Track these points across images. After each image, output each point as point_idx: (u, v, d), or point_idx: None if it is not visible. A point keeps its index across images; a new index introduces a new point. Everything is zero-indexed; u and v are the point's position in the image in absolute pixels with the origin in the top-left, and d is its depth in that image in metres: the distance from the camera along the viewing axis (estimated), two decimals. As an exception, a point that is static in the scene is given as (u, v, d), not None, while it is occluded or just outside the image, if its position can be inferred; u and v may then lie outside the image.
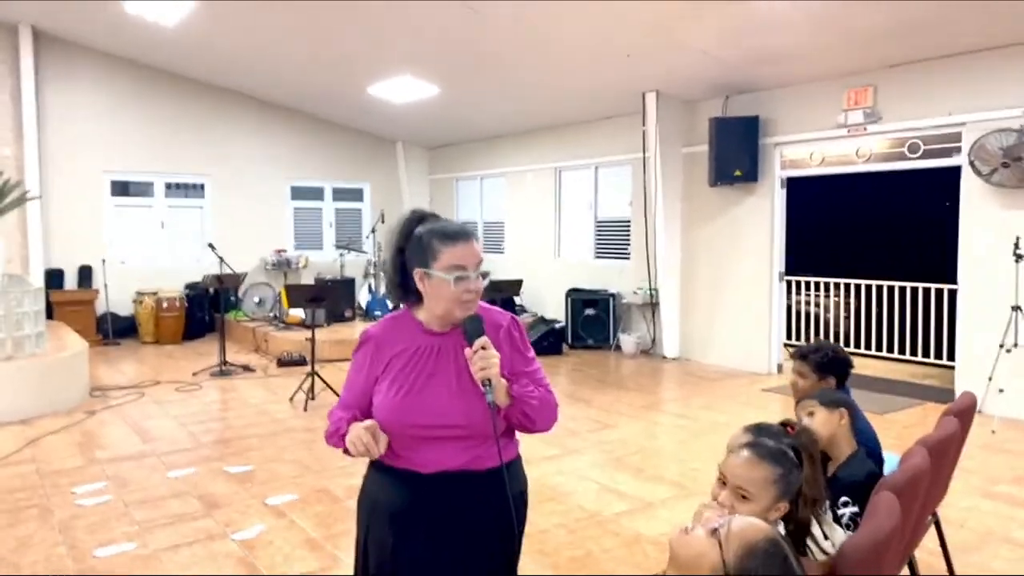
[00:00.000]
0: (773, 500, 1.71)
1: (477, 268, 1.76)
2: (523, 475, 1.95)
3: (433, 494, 1.76)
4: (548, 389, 1.88)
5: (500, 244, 11.33)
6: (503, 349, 1.80)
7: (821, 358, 2.83)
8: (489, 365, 1.69)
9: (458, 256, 1.74)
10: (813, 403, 2.42)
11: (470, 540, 1.77)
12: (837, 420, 2.38)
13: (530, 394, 1.80)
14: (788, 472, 1.73)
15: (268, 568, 3.30)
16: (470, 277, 1.74)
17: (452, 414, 1.74)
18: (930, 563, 3.12)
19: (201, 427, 5.66)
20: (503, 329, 1.85)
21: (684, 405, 6.44)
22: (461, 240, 1.77)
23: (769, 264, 7.69)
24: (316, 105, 10.96)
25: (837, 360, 2.85)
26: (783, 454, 1.75)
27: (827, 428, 2.37)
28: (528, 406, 1.78)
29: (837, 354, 2.89)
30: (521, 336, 1.89)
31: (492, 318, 1.86)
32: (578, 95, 8.71)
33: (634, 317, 9.09)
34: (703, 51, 6.76)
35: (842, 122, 6.92)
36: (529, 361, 1.87)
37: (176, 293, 9.78)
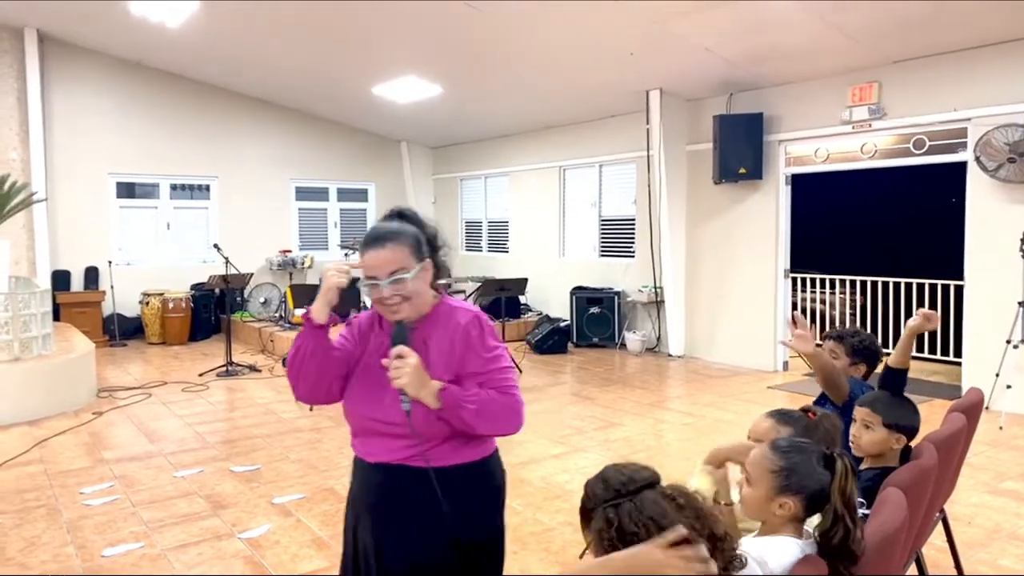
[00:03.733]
0: (774, 490, 1.67)
1: (389, 276, 1.75)
2: (489, 478, 1.89)
3: (374, 483, 1.83)
4: (505, 390, 1.79)
5: (504, 243, 11.34)
6: (455, 348, 1.79)
7: (858, 342, 2.91)
8: (400, 375, 1.68)
9: (366, 264, 1.77)
10: (875, 419, 2.36)
11: (407, 530, 1.80)
12: (893, 443, 2.36)
13: (467, 398, 1.73)
14: (793, 467, 1.69)
15: (275, 567, 3.31)
16: (376, 286, 1.76)
17: (392, 411, 1.75)
18: (937, 560, 3.11)
19: (208, 427, 5.68)
20: (460, 328, 1.82)
21: (690, 403, 6.44)
22: (369, 248, 1.78)
23: (774, 261, 7.68)
24: (321, 105, 10.98)
25: (872, 348, 2.93)
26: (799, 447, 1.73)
27: (879, 447, 2.35)
28: (464, 411, 1.72)
29: (873, 342, 2.98)
30: (480, 335, 1.82)
31: (453, 316, 1.84)
32: (582, 94, 8.71)
33: (639, 315, 9.09)
34: (707, 49, 6.75)
35: (847, 118, 6.90)
36: (486, 361, 1.80)
37: (182, 294, 9.82)
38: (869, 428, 2.36)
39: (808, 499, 1.65)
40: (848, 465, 1.65)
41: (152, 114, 10.15)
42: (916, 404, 2.50)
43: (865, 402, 2.43)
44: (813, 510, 1.67)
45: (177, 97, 10.31)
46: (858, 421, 2.40)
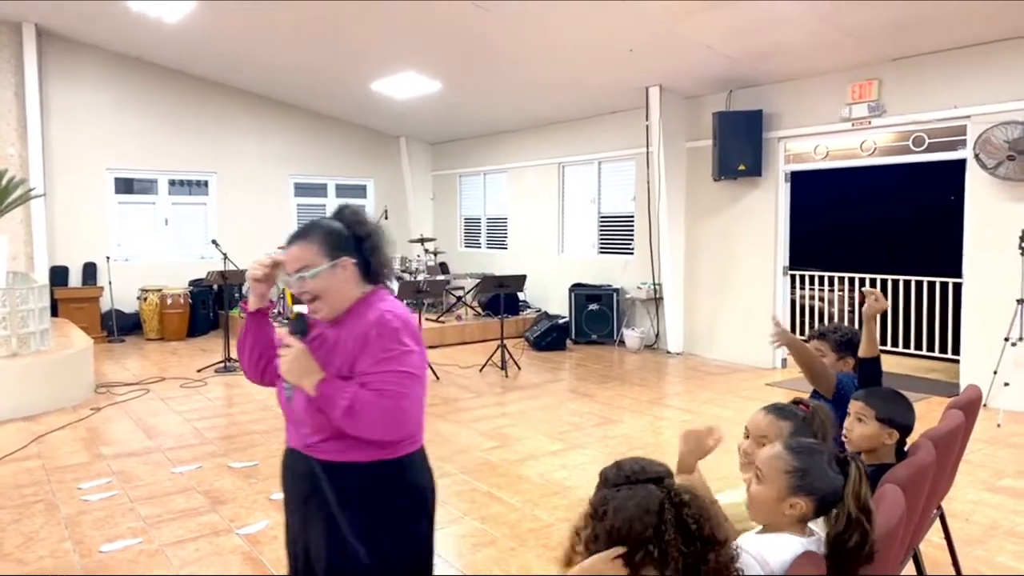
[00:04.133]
0: (787, 490, 1.66)
1: (294, 273, 1.82)
2: (397, 482, 1.83)
3: (286, 465, 1.98)
4: (388, 394, 1.71)
5: (503, 240, 11.33)
6: (356, 347, 1.78)
7: (840, 337, 2.99)
8: (282, 362, 1.78)
9: (283, 260, 1.87)
10: (868, 412, 2.38)
11: (310, 519, 1.85)
12: (885, 438, 2.37)
13: (341, 394, 1.71)
14: (809, 468, 1.68)
15: (273, 563, 3.30)
16: (288, 282, 1.85)
17: (298, 400, 1.82)
18: (935, 557, 3.11)
19: (206, 423, 5.67)
20: (366, 327, 1.79)
21: (688, 400, 6.44)
22: (287, 244, 1.88)
23: (773, 258, 7.68)
24: (319, 101, 10.96)
25: (855, 340, 2.95)
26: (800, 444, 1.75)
27: (872, 442, 2.37)
28: (335, 406, 1.71)
29: (856, 335, 3.01)
30: (380, 335, 1.76)
31: (366, 316, 1.82)
32: (581, 90, 8.69)
33: (638, 312, 9.09)
34: (707, 46, 6.74)
35: (846, 116, 6.90)
36: (379, 362, 1.73)
37: (180, 290, 9.81)
38: (862, 421, 2.39)
39: (820, 501, 1.65)
40: (861, 469, 1.64)
41: (150, 110, 10.13)
42: (912, 402, 2.51)
43: (860, 396, 2.46)
44: (822, 512, 1.67)
45: (176, 93, 10.28)
46: (852, 415, 2.43)
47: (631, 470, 1.51)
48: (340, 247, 1.84)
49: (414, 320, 1.87)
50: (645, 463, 1.54)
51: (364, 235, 1.89)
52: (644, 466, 1.52)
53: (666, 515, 1.41)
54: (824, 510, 1.66)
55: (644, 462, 1.54)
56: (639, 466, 1.52)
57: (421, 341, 1.84)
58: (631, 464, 1.53)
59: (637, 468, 1.51)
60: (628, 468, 1.52)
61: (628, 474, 1.50)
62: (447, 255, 11.63)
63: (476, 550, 3.44)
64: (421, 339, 1.84)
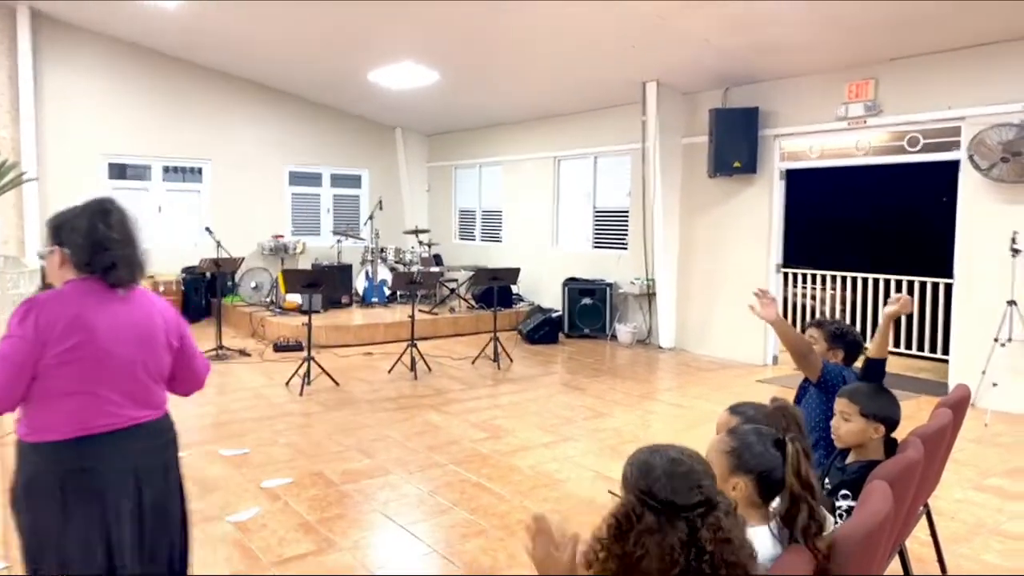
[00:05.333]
0: (727, 470, 1.73)
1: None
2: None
3: None
4: None
5: (498, 232, 11.32)
6: None
7: (835, 329, 3.07)
8: None
9: None
10: (853, 409, 2.41)
11: None
12: (872, 433, 2.40)
13: None
14: (743, 447, 1.75)
15: (263, 550, 3.31)
16: None
17: None
18: (920, 554, 3.14)
19: (197, 410, 5.66)
20: None
21: (679, 395, 6.46)
22: None
23: (766, 256, 7.70)
24: (316, 91, 10.91)
25: (849, 337, 3.05)
26: (745, 432, 1.79)
27: (858, 437, 2.41)
28: None
29: (852, 332, 3.10)
30: (11, 318, 1.96)
31: None
32: (579, 84, 8.68)
33: (631, 307, 9.10)
34: (704, 40, 6.73)
35: (842, 115, 6.91)
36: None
37: (173, 277, 9.77)
38: (847, 419, 2.42)
39: (759, 479, 1.70)
40: (800, 448, 1.68)
41: (146, 96, 10.06)
42: (901, 401, 2.53)
43: (844, 393, 2.49)
44: (769, 493, 1.72)
45: (171, 79, 10.21)
46: (837, 413, 2.46)
47: (665, 488, 1.39)
48: (54, 237, 2.06)
49: (43, 309, 1.94)
50: (681, 481, 1.40)
51: (58, 226, 2.08)
52: (676, 486, 1.39)
53: (689, 560, 1.35)
54: (768, 490, 1.71)
55: (680, 479, 1.40)
56: (670, 487, 1.39)
57: (32, 328, 1.91)
58: (667, 476, 1.40)
59: (668, 489, 1.39)
60: (661, 483, 1.40)
61: (662, 498, 1.38)
62: (441, 247, 11.61)
63: (465, 540, 3.45)
64: (33, 327, 1.91)
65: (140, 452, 2.07)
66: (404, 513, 3.76)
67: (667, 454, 1.45)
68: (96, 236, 2.03)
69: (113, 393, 2.01)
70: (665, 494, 1.39)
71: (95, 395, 1.98)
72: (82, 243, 2.02)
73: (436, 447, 4.82)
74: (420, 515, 3.75)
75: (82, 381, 1.96)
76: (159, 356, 2.13)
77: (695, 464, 1.45)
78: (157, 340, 2.13)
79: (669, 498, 1.39)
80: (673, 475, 1.41)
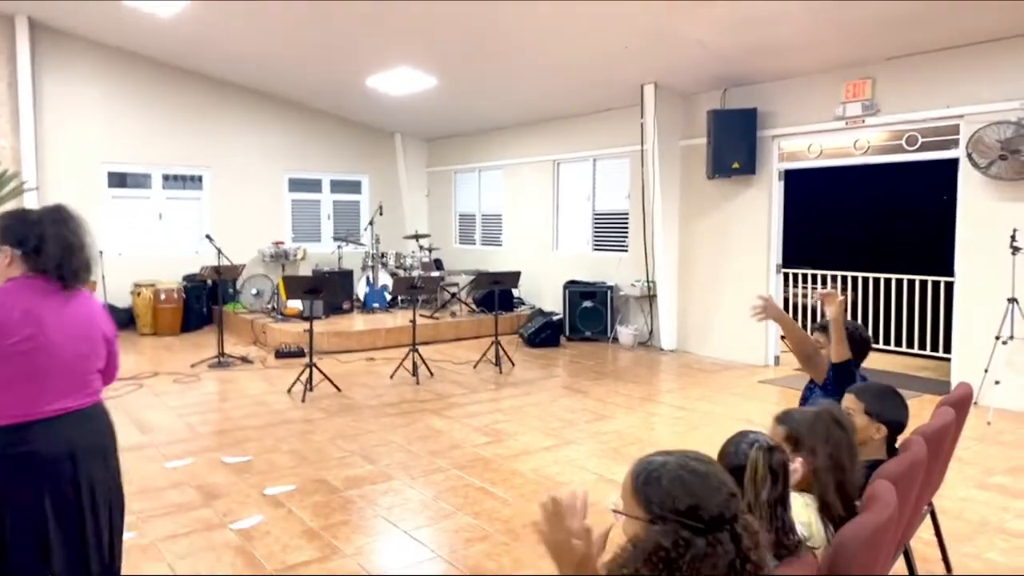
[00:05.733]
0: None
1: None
2: None
3: None
4: None
5: (498, 236, 11.33)
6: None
7: None
8: None
9: None
10: (857, 406, 2.41)
11: None
12: (873, 432, 2.40)
13: None
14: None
15: (266, 558, 3.31)
16: None
17: None
18: (925, 553, 3.14)
19: (199, 418, 5.66)
20: None
21: (681, 397, 6.46)
22: None
23: (766, 256, 7.71)
24: (314, 97, 10.93)
25: (858, 336, 2.99)
26: None
27: (860, 435, 2.39)
28: None
29: (859, 331, 3.04)
30: None
31: None
32: (577, 87, 8.70)
33: (632, 309, 9.10)
34: (700, 42, 6.75)
35: (840, 114, 6.92)
36: None
37: (174, 285, 9.77)
38: (850, 415, 2.41)
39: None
40: (758, 453, 1.69)
41: (145, 104, 10.08)
42: (906, 399, 2.52)
43: (853, 390, 2.49)
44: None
45: (170, 87, 10.23)
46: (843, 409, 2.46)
47: (680, 497, 1.30)
48: (3, 239, 2.22)
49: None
50: (704, 491, 1.31)
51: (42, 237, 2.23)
52: (719, 500, 1.31)
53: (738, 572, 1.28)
54: None
55: (702, 488, 1.32)
56: (689, 499, 1.30)
57: None
58: (684, 486, 1.32)
59: (686, 500, 1.30)
60: (677, 492, 1.31)
61: (675, 507, 1.30)
62: (441, 251, 11.62)
63: (469, 545, 3.45)
64: None
65: (79, 436, 2.24)
66: (407, 518, 3.76)
67: (690, 465, 1.36)
68: (67, 242, 2.24)
69: (57, 382, 2.19)
70: (711, 511, 1.30)
71: (40, 384, 2.15)
72: (54, 250, 2.21)
73: (438, 452, 4.82)
74: (423, 520, 3.74)
75: (29, 370, 2.13)
76: (98, 349, 2.34)
77: (717, 470, 1.38)
78: (97, 335, 2.34)
79: (716, 513, 1.30)
80: (710, 488, 1.33)
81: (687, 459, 1.38)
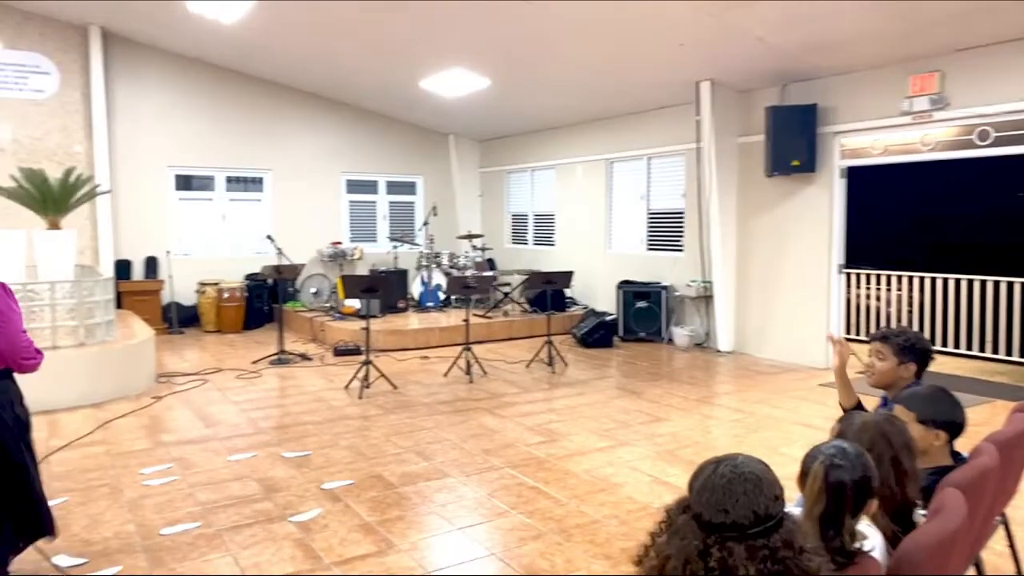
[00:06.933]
0: None
1: None
2: None
3: None
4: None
5: (551, 236, 11.32)
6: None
7: (903, 341, 2.83)
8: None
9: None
10: (909, 416, 2.32)
11: None
12: (932, 440, 2.30)
13: None
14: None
15: (324, 551, 3.38)
16: None
17: None
18: (997, 564, 3.01)
19: (260, 413, 5.83)
20: None
21: (738, 399, 6.34)
22: None
23: (828, 256, 7.50)
24: (370, 100, 11.13)
25: (920, 345, 2.83)
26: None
27: (920, 444, 2.31)
28: None
29: (920, 339, 2.88)
30: None
31: None
32: (631, 86, 8.62)
33: (687, 310, 8.98)
34: (759, 38, 6.61)
35: (906, 109, 6.68)
36: None
37: (237, 284, 10.08)
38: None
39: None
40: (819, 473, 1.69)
41: (209, 109, 10.43)
42: (975, 405, 2.42)
43: (901, 400, 2.39)
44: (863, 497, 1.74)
45: (232, 92, 10.57)
46: None
47: (711, 505, 1.35)
48: None
49: None
50: (725, 495, 1.35)
51: None
52: (729, 505, 1.34)
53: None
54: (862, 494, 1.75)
55: (726, 492, 1.35)
56: (723, 504, 1.34)
57: None
58: (716, 493, 1.35)
59: (717, 505, 1.34)
60: (698, 499, 1.36)
61: (697, 510, 1.36)
62: (494, 251, 11.68)
63: (523, 543, 3.46)
64: None
65: None
66: (461, 516, 3.79)
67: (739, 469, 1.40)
68: None
69: None
70: (711, 506, 1.36)
71: None
72: None
73: (492, 450, 4.85)
74: (477, 518, 3.77)
75: None
76: None
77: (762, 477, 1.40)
78: None
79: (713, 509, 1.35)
80: (729, 488, 1.37)
81: (746, 461, 1.43)
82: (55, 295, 6.13)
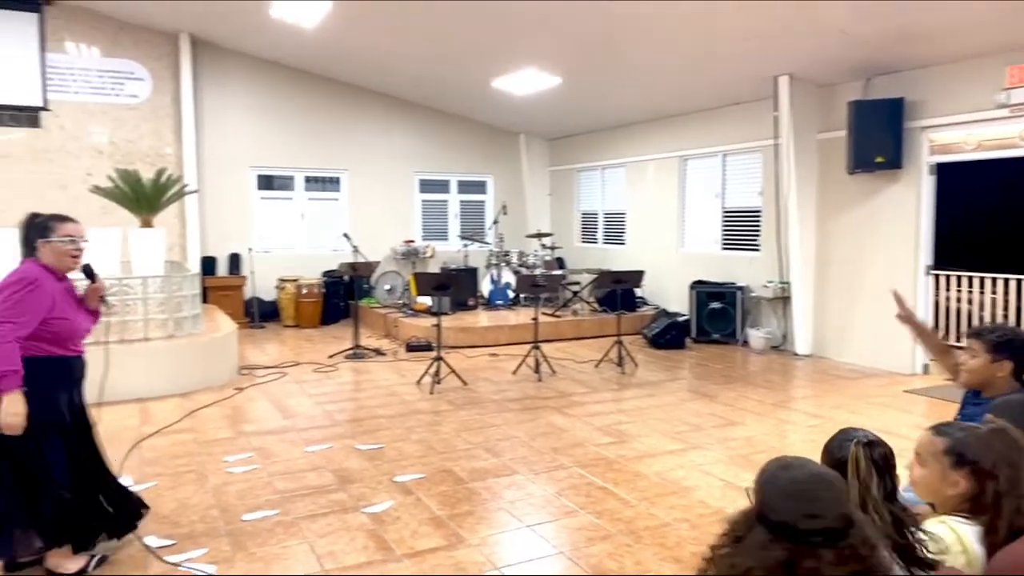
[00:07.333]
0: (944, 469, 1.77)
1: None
2: None
3: (81, 364, 3.22)
4: None
5: (621, 235, 11.22)
6: None
7: (998, 337, 2.68)
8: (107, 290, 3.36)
9: (69, 230, 3.07)
10: (979, 347, 2.22)
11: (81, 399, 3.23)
12: (997, 370, 2.22)
13: None
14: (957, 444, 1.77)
15: (396, 542, 3.46)
16: (80, 242, 3.10)
17: (88, 323, 3.23)
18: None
19: (336, 406, 6.00)
20: None
21: (816, 404, 6.14)
22: (70, 221, 3.10)
23: (914, 257, 7.16)
24: (443, 100, 11.28)
25: (1016, 342, 2.67)
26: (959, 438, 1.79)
27: (980, 375, 2.22)
28: None
29: (1018, 335, 2.71)
30: None
31: None
32: (705, 81, 8.46)
33: (763, 311, 8.74)
34: (841, 30, 6.37)
35: (1003, 102, 6.30)
36: None
37: (315, 280, 10.40)
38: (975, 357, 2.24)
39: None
40: (861, 455, 1.70)
41: (288, 111, 10.80)
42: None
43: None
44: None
45: (311, 94, 10.90)
46: None
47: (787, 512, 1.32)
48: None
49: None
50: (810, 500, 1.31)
51: None
52: (818, 510, 1.30)
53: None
54: None
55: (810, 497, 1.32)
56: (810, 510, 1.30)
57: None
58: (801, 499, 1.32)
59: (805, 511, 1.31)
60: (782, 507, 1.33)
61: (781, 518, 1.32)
62: (564, 250, 11.66)
63: (591, 543, 3.45)
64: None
65: None
66: (530, 513, 3.81)
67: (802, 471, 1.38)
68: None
69: None
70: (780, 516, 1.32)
71: None
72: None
73: (561, 449, 4.85)
74: (546, 516, 3.78)
75: None
76: None
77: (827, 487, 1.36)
78: None
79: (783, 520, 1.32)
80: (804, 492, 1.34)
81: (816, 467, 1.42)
82: (147, 289, 6.46)
